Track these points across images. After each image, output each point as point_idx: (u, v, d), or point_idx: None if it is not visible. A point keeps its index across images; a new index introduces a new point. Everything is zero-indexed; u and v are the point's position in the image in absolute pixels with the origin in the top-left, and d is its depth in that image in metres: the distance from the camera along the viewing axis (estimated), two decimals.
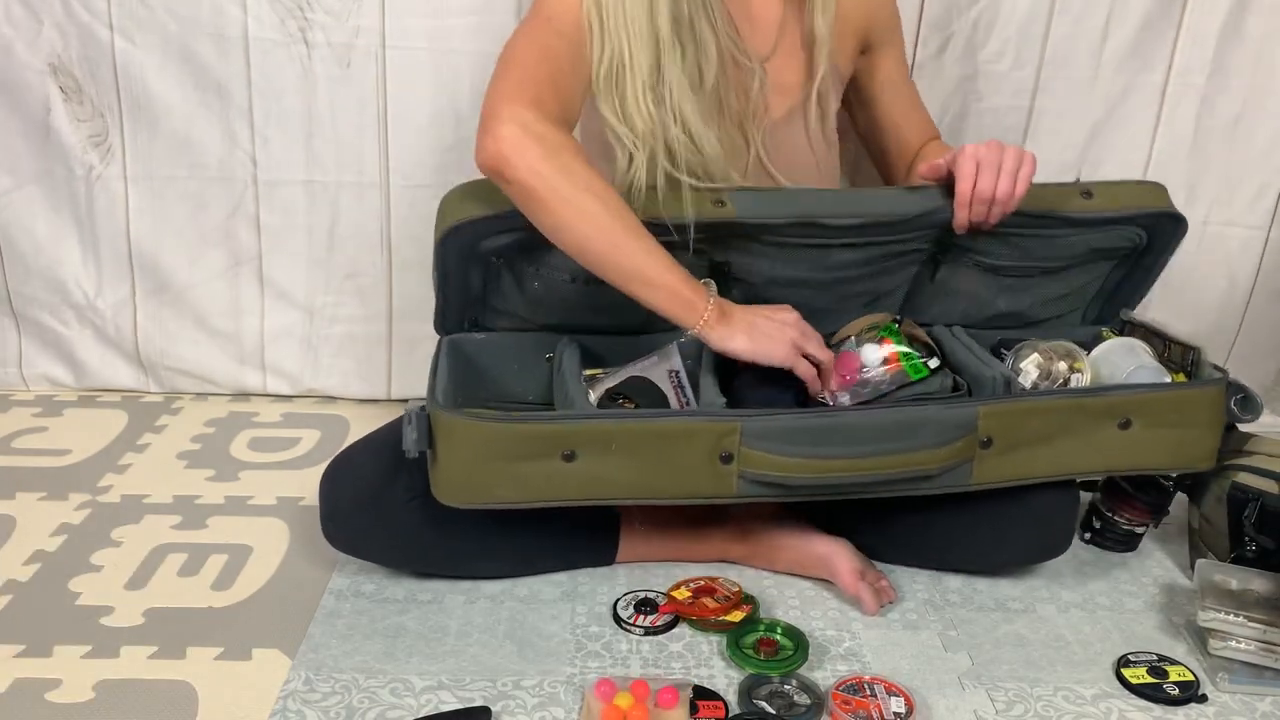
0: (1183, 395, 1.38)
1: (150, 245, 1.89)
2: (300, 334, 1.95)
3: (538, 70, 1.30)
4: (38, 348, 1.96)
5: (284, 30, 1.77)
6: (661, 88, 1.33)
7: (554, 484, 1.25)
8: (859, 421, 1.28)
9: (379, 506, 1.35)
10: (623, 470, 1.25)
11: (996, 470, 1.33)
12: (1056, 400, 1.34)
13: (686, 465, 1.26)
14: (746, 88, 1.43)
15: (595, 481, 1.25)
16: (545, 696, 1.21)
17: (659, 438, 1.25)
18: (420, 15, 1.76)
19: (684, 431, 1.25)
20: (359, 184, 1.86)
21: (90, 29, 1.77)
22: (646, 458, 1.25)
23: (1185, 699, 1.23)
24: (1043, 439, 1.33)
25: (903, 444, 1.28)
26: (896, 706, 1.18)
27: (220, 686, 1.21)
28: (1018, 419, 1.32)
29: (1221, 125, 1.85)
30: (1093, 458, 1.36)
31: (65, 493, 1.62)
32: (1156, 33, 1.79)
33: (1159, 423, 1.35)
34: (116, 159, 1.84)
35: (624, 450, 1.24)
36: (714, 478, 1.27)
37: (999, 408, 1.31)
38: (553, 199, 1.24)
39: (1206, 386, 1.38)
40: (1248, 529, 1.40)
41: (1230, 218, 1.89)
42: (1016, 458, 1.33)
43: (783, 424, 1.26)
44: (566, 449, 1.23)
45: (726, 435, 1.25)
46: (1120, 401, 1.34)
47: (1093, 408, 1.34)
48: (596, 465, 1.24)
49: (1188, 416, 1.37)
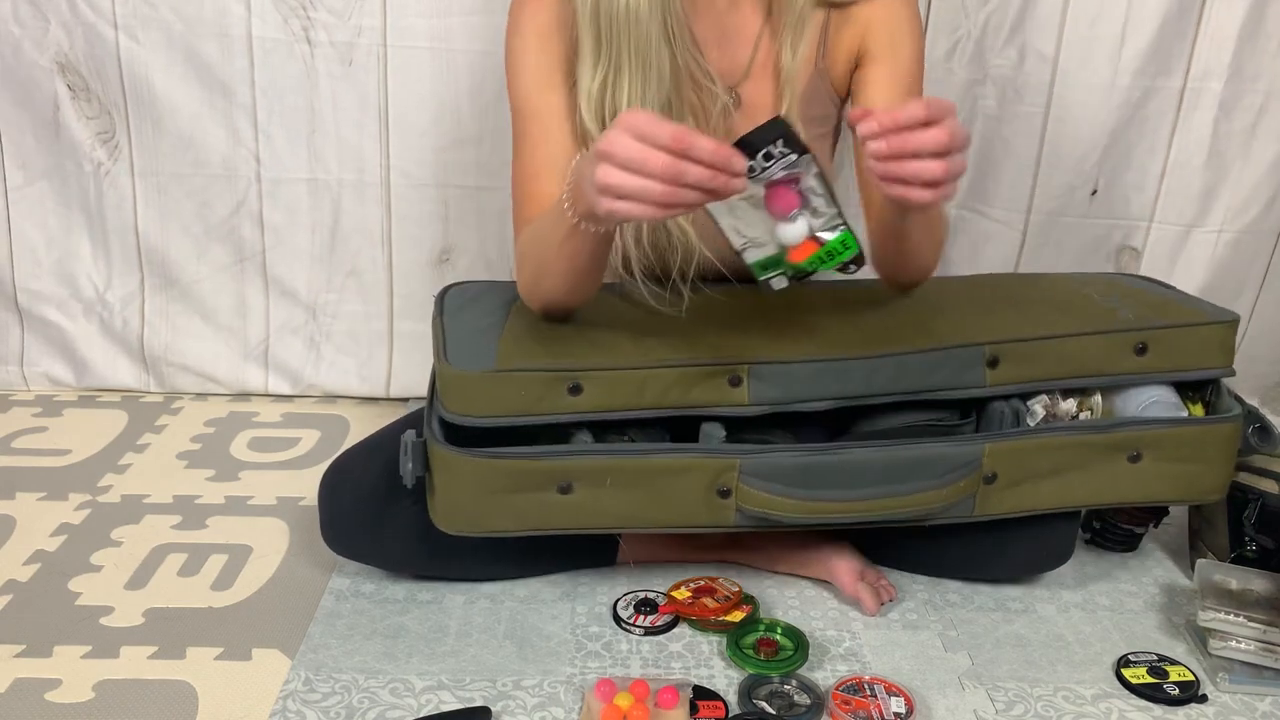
0: (1199, 432, 1.32)
1: (158, 240, 1.91)
2: (303, 330, 1.96)
3: (527, 191, 1.33)
4: (41, 345, 1.96)
5: (287, 29, 1.78)
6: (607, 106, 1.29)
7: (551, 514, 1.25)
8: (861, 460, 1.24)
9: (378, 513, 1.35)
10: (620, 502, 1.24)
11: (1000, 504, 1.30)
12: (1067, 437, 1.29)
13: (684, 498, 1.25)
14: (707, 110, 1.36)
15: (592, 512, 1.25)
16: (545, 696, 1.21)
17: (656, 473, 1.24)
18: (422, 14, 1.77)
19: (681, 467, 1.23)
20: (360, 182, 1.87)
21: (95, 28, 1.78)
22: (643, 491, 1.24)
23: (1185, 699, 1.23)
24: (1050, 473, 1.30)
25: (905, 486, 1.25)
26: (896, 706, 1.18)
27: (220, 686, 1.21)
28: (1025, 456, 1.28)
29: (1239, 130, 1.84)
30: (1099, 490, 1.33)
31: (65, 493, 1.62)
32: (1175, 36, 1.79)
33: (1171, 457, 1.31)
34: (124, 155, 1.86)
35: (621, 484, 1.24)
36: (712, 510, 1.25)
37: (1006, 445, 1.27)
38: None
39: (1223, 423, 1.32)
40: (1248, 529, 1.40)
41: (1245, 224, 1.89)
42: (1021, 491, 1.30)
43: (782, 462, 1.24)
44: (562, 482, 1.23)
45: (725, 471, 1.23)
46: (1133, 436, 1.30)
47: (1103, 443, 1.30)
48: (593, 497, 1.24)
49: (1201, 452, 1.32)
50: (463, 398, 1.21)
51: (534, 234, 1.27)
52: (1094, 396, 1.34)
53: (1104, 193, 1.89)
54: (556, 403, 1.22)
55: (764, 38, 1.37)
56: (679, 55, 1.28)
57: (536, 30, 1.33)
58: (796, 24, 1.34)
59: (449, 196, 1.88)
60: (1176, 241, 1.91)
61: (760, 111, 1.35)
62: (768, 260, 1.12)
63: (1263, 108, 1.82)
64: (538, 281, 1.27)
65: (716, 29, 1.36)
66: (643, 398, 1.23)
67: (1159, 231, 1.91)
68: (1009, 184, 1.88)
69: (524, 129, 1.35)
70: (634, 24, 1.23)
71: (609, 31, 1.24)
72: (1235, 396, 1.36)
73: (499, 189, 1.82)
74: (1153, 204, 1.90)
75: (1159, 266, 1.89)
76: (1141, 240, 1.92)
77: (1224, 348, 1.34)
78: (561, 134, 1.33)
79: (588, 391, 1.22)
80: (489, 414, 1.21)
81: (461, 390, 1.21)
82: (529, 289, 1.30)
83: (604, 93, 1.27)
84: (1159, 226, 1.91)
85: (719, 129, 1.35)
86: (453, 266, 1.92)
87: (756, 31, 1.37)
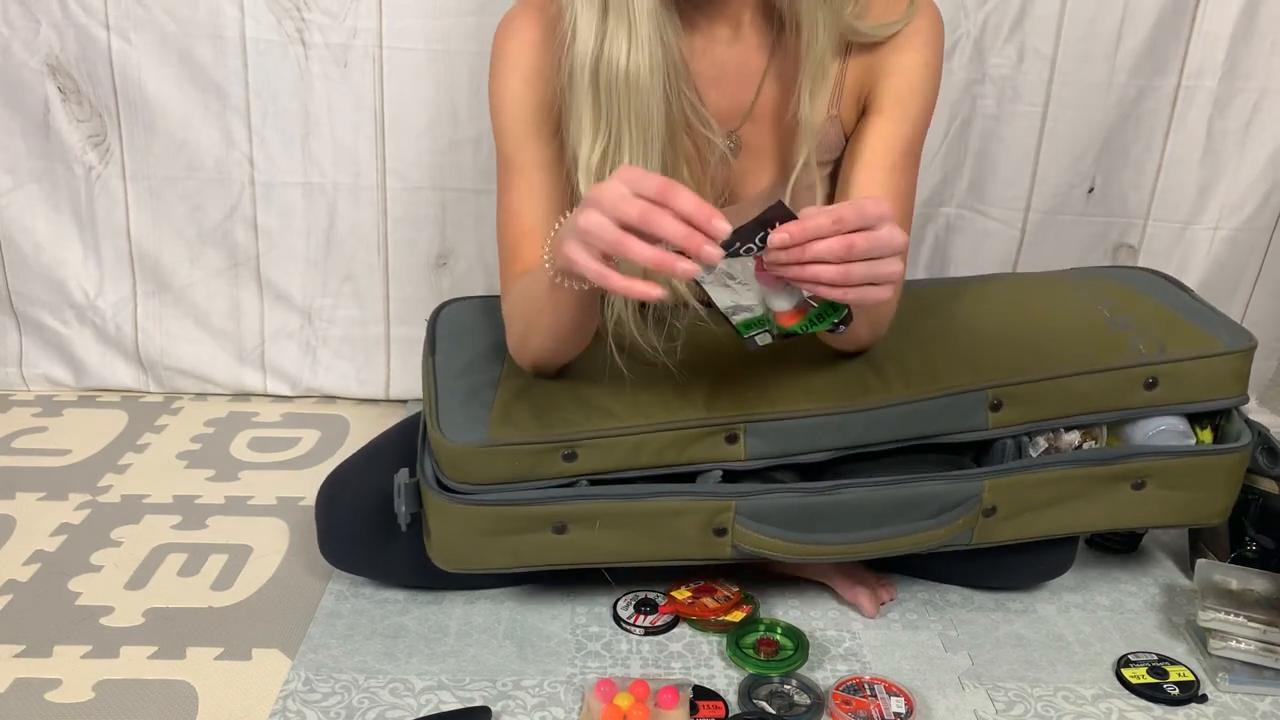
0: (1206, 461, 1.28)
1: (150, 245, 1.89)
2: (299, 336, 1.95)
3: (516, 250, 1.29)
4: (38, 347, 1.96)
5: (281, 30, 1.77)
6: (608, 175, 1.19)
7: (547, 553, 1.25)
8: (859, 500, 1.23)
9: (376, 529, 1.34)
10: (615, 540, 1.24)
11: (999, 534, 1.28)
12: (1070, 470, 1.26)
13: (680, 537, 1.24)
14: (704, 158, 1.29)
15: (587, 550, 1.25)
16: (545, 696, 1.21)
17: (651, 515, 1.23)
18: (418, 15, 1.76)
19: (676, 510, 1.23)
20: (356, 185, 1.86)
21: (87, 29, 1.76)
22: (639, 531, 1.24)
23: (1185, 699, 1.23)
24: (1051, 503, 1.28)
25: (901, 527, 1.24)
26: (896, 706, 1.18)
27: (220, 686, 1.21)
28: (1027, 489, 1.26)
29: (1233, 129, 1.84)
30: (1100, 517, 1.30)
31: (65, 493, 1.62)
32: (1169, 36, 1.79)
33: (1175, 485, 1.28)
34: (115, 159, 1.84)
35: (615, 525, 1.23)
36: (707, 546, 1.25)
37: (1007, 480, 1.25)
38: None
39: (1231, 452, 1.28)
40: (1248, 529, 1.40)
41: (1240, 222, 1.89)
42: (1020, 521, 1.28)
43: (778, 503, 1.23)
44: (557, 523, 1.23)
45: (720, 513, 1.23)
46: (1138, 467, 1.27)
47: (1107, 474, 1.27)
48: (588, 537, 1.24)
49: (1207, 479, 1.29)
50: (457, 468, 1.22)
51: (520, 293, 1.25)
52: (1100, 427, 1.31)
53: (1101, 191, 1.89)
54: (552, 468, 1.22)
55: (770, 78, 1.28)
56: (675, 103, 1.20)
57: (521, 70, 1.27)
58: (815, 72, 1.22)
59: (446, 200, 1.87)
60: (1173, 238, 1.91)
61: (761, 156, 1.32)
62: (753, 321, 1.10)
63: (1257, 106, 1.83)
64: (526, 340, 1.26)
65: (716, 67, 1.28)
66: (639, 459, 1.23)
67: (1155, 229, 1.91)
68: (1008, 182, 1.88)
69: (508, 180, 1.30)
70: (634, 90, 1.15)
71: (608, 101, 1.16)
72: (1246, 420, 1.32)
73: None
74: (1149, 202, 1.90)
75: (1156, 263, 1.89)
76: (1138, 237, 1.92)
77: (1238, 377, 1.29)
78: (545, 191, 1.28)
79: (583, 457, 1.22)
80: (485, 481, 1.22)
81: (455, 461, 1.21)
82: (518, 347, 1.28)
83: (604, 164, 1.19)
84: (1155, 224, 1.91)
85: (717, 177, 1.30)
86: (450, 271, 1.91)
87: (761, 69, 1.28)
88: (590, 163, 1.19)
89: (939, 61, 1.28)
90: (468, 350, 1.38)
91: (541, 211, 1.28)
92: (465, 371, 1.33)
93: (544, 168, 1.28)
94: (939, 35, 1.28)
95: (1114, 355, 1.28)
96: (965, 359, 1.28)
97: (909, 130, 1.28)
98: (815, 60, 1.22)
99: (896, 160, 1.27)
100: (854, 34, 1.24)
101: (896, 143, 1.27)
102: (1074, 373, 1.26)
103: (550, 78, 1.24)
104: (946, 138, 1.84)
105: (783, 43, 1.27)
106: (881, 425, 1.24)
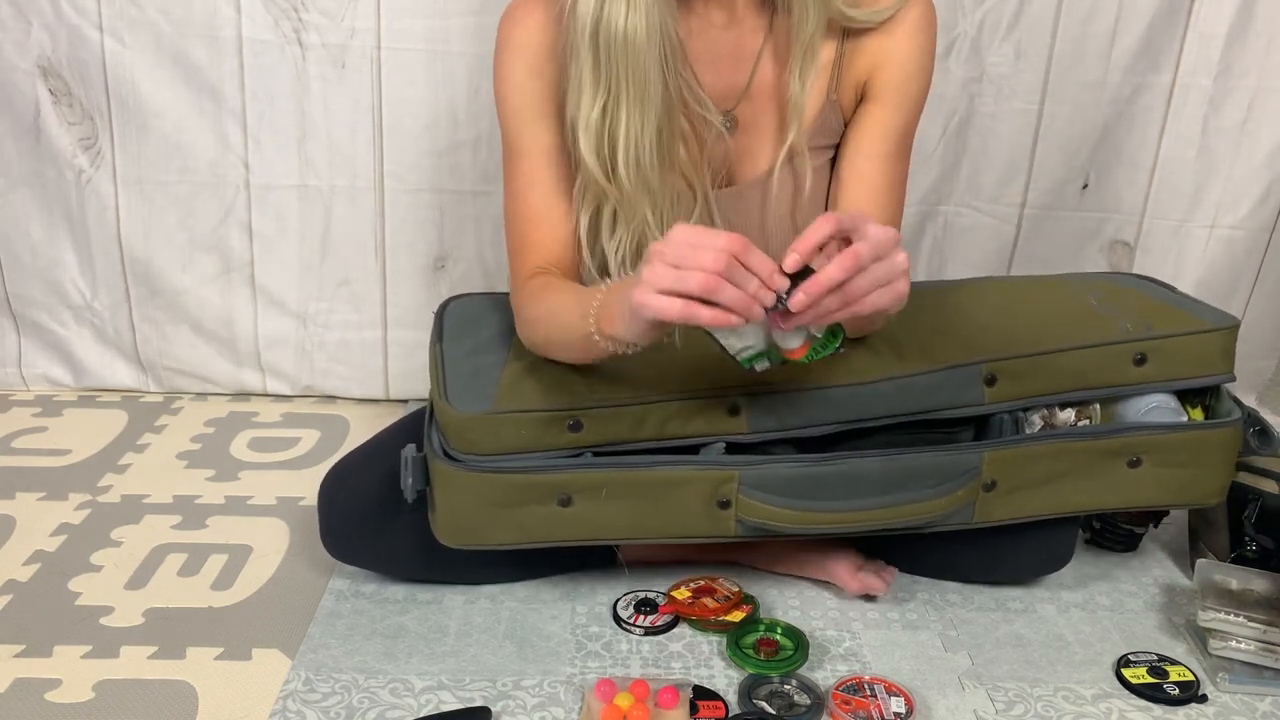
0: (1199, 436, 1.31)
1: (142, 250, 1.88)
2: (294, 341, 1.94)
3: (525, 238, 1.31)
4: (37, 348, 1.96)
5: (278, 31, 1.76)
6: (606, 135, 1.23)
7: (552, 527, 1.25)
8: (860, 470, 1.24)
9: (378, 521, 1.35)
10: (620, 514, 1.25)
11: (999, 510, 1.30)
12: (1066, 443, 1.29)
13: (685, 510, 1.25)
14: (700, 138, 1.30)
15: (593, 524, 1.25)
16: (545, 696, 1.21)
17: (655, 485, 1.24)
18: (416, 16, 1.75)
19: (681, 480, 1.24)
20: (353, 188, 1.85)
21: (79, 30, 1.75)
22: (644, 502, 1.24)
23: (1185, 699, 1.23)
24: (1049, 479, 1.30)
25: (904, 495, 1.25)
26: (896, 706, 1.19)
27: (220, 686, 1.21)
28: (1025, 463, 1.28)
29: (1229, 127, 1.85)
30: (1099, 495, 1.33)
31: (65, 493, 1.62)
32: (1165, 34, 1.79)
33: (1170, 462, 1.31)
34: (106, 162, 1.83)
35: (621, 496, 1.24)
36: (713, 521, 1.26)
37: (1005, 453, 1.27)
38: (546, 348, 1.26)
39: (1223, 428, 1.31)
40: (1248, 529, 1.40)
41: (1236, 221, 1.90)
42: (1020, 497, 1.30)
43: (781, 473, 1.24)
44: (562, 495, 1.23)
45: (724, 483, 1.24)
46: (1132, 442, 1.30)
47: (1103, 449, 1.30)
48: (593, 509, 1.24)
49: (1201, 456, 1.31)
50: (464, 438, 1.22)
51: (552, 314, 1.24)
52: (1093, 404, 1.34)
53: (1095, 187, 1.90)
54: (557, 439, 1.23)
55: (765, 58, 1.30)
56: (671, 80, 1.22)
57: (526, 54, 1.28)
58: (805, 52, 1.25)
59: (444, 202, 1.86)
60: (1169, 236, 1.92)
61: (757, 134, 1.32)
62: (756, 355, 1.11)
63: (1252, 104, 1.83)
64: (545, 349, 1.27)
65: (712, 48, 1.29)
66: (642, 430, 1.24)
67: (1151, 226, 1.92)
68: (1003, 179, 1.89)
69: (515, 167, 1.31)
70: (631, 50, 1.17)
71: (607, 57, 1.18)
72: (1235, 399, 1.35)
73: (496, 193, 1.78)
74: (1144, 199, 1.91)
75: (1152, 261, 1.90)
76: (1134, 235, 1.92)
77: (1224, 354, 1.34)
78: (553, 175, 1.29)
79: (588, 428, 1.23)
80: (491, 452, 1.22)
81: (462, 431, 1.22)
82: (533, 347, 1.28)
83: (604, 121, 1.21)
84: (1151, 221, 1.92)
85: (714, 155, 1.31)
86: (448, 274, 1.90)
87: (756, 51, 1.30)
88: (590, 119, 1.21)
89: (933, 49, 1.31)
90: (475, 336, 1.39)
91: (548, 197, 1.30)
92: (472, 353, 1.35)
93: (547, 154, 1.29)
94: (933, 23, 1.30)
95: (1103, 333, 1.32)
96: (959, 338, 1.32)
97: (905, 118, 1.31)
98: (804, 41, 1.25)
99: (892, 149, 1.31)
100: (845, 19, 1.27)
101: (892, 131, 1.30)
102: (1065, 347, 1.30)
103: (554, 58, 1.26)
104: (944, 135, 1.84)
105: (777, 25, 1.30)
106: (880, 399, 1.27)
